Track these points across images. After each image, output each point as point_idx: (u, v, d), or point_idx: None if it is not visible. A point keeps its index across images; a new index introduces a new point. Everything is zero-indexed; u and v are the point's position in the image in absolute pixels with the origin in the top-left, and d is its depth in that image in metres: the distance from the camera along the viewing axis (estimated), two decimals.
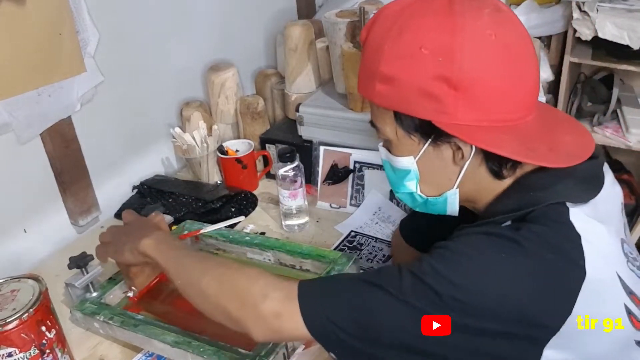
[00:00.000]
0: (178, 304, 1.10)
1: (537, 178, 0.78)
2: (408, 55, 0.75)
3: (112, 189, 1.45)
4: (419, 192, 0.85)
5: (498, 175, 0.79)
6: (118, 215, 1.43)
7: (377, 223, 1.31)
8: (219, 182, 1.52)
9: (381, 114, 0.82)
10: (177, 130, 1.48)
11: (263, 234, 1.31)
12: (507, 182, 0.80)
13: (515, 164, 0.79)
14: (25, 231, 1.29)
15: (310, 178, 1.46)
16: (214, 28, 1.67)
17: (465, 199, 0.84)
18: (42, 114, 1.23)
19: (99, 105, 1.36)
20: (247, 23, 1.79)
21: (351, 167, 1.38)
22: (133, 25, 1.43)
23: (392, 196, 1.33)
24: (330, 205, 1.40)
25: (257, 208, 1.42)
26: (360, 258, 1.20)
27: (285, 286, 0.80)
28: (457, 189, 0.82)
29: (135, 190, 1.49)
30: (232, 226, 1.28)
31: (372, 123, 0.86)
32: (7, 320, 0.87)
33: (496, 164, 0.78)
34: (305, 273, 1.14)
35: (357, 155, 1.38)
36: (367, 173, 1.36)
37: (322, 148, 1.40)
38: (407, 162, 0.83)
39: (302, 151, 1.45)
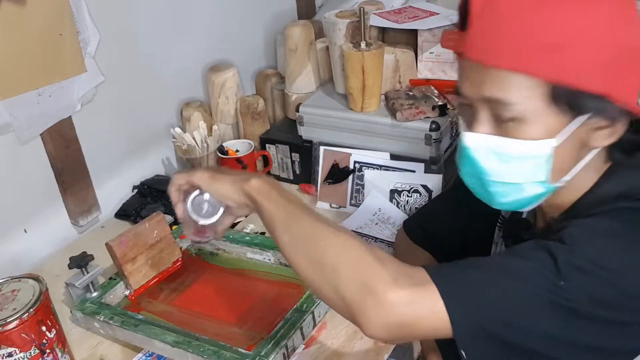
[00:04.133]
0: (178, 304, 1.10)
1: None
2: (590, 20, 0.66)
3: (112, 189, 1.45)
4: (546, 181, 0.75)
5: (612, 156, 0.76)
6: (118, 215, 1.43)
7: (376, 224, 1.31)
8: None
9: (528, 88, 0.70)
10: (178, 130, 1.48)
11: (263, 233, 1.31)
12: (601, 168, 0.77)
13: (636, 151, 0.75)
14: (25, 231, 1.29)
15: (310, 178, 1.46)
16: (214, 28, 1.67)
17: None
18: (43, 114, 1.23)
19: (100, 105, 1.37)
20: (247, 23, 1.79)
21: (351, 167, 1.38)
22: (133, 26, 1.43)
23: (392, 197, 1.34)
24: (330, 205, 1.40)
25: None
26: None
27: (415, 272, 0.70)
28: (570, 177, 0.76)
29: (136, 190, 1.49)
30: (232, 226, 1.28)
31: (490, 100, 0.73)
32: (8, 320, 0.87)
33: (622, 145, 0.74)
34: None
35: (357, 155, 1.38)
36: (367, 173, 1.36)
37: (322, 148, 1.41)
38: (544, 146, 0.72)
39: (302, 151, 1.46)
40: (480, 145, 0.75)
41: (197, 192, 0.88)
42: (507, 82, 0.71)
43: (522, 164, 0.74)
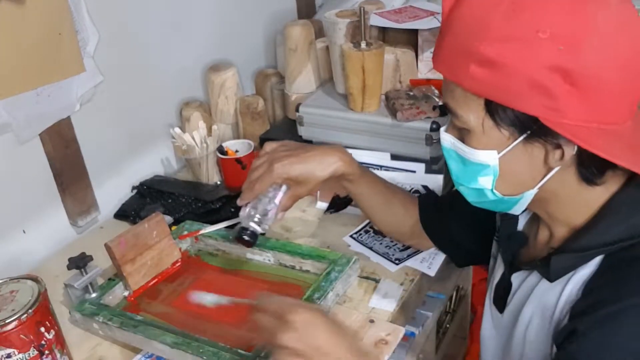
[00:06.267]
0: (177, 305, 1.10)
1: None
2: (521, 37, 0.66)
3: (111, 190, 1.45)
4: (494, 190, 0.77)
5: (588, 181, 0.73)
6: (117, 215, 1.42)
7: None
8: (218, 182, 1.52)
9: (467, 100, 0.72)
10: (177, 130, 1.48)
11: (263, 234, 1.30)
12: (598, 192, 0.74)
13: (607, 171, 0.72)
14: (24, 232, 1.28)
15: None
16: (214, 28, 1.67)
17: (538, 199, 0.77)
18: (41, 114, 1.23)
19: (99, 105, 1.36)
20: (247, 23, 1.79)
21: None
22: (133, 25, 1.43)
23: None
24: None
25: None
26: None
27: None
28: (537, 190, 0.75)
29: (135, 191, 1.49)
30: (232, 226, 1.27)
31: (446, 106, 0.76)
32: (6, 321, 0.87)
33: (591, 169, 0.72)
34: (305, 274, 1.13)
35: (357, 155, 1.36)
36: None
37: None
38: (488, 156, 0.74)
39: None
40: (446, 144, 0.80)
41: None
42: (455, 92, 0.74)
43: (472, 169, 0.77)
